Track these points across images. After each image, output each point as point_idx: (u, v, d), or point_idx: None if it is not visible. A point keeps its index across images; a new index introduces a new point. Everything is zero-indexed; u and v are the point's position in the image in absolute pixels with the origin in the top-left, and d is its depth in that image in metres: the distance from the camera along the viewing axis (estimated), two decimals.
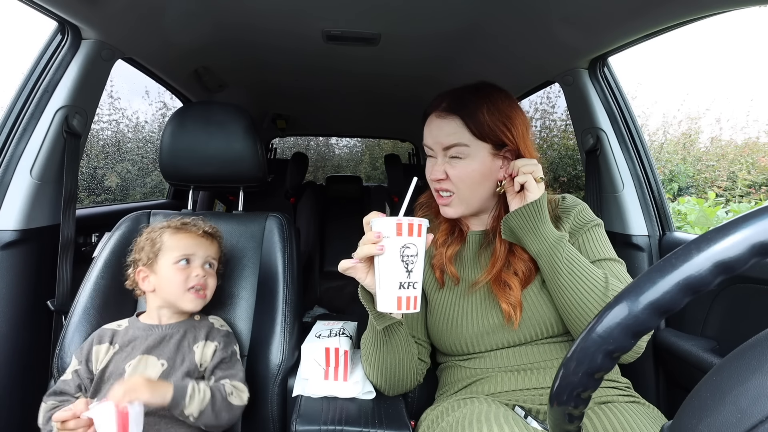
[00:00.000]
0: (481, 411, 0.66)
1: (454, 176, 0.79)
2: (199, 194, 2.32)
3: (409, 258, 0.62)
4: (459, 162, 0.79)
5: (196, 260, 0.89)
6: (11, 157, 1.02)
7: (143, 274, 0.88)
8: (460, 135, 0.78)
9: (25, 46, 2.34)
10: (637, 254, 1.20)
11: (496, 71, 1.52)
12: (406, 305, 0.62)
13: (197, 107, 1.12)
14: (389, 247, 0.62)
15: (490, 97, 0.79)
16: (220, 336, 0.90)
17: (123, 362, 0.81)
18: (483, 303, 0.81)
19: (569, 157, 4.95)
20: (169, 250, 0.87)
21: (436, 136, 0.80)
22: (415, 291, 0.63)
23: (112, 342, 0.84)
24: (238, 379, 0.86)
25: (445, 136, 0.79)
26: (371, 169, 7.12)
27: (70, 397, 0.80)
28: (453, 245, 0.86)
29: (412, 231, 0.62)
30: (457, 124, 0.78)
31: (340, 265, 0.69)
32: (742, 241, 0.28)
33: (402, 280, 0.62)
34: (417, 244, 0.63)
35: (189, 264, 0.88)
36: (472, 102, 0.78)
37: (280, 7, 1.20)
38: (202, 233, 0.92)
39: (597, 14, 1.02)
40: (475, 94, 0.80)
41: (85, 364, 0.82)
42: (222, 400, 0.80)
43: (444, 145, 0.79)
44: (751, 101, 6.42)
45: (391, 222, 0.62)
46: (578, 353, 0.33)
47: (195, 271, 0.88)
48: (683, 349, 1.01)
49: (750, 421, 0.25)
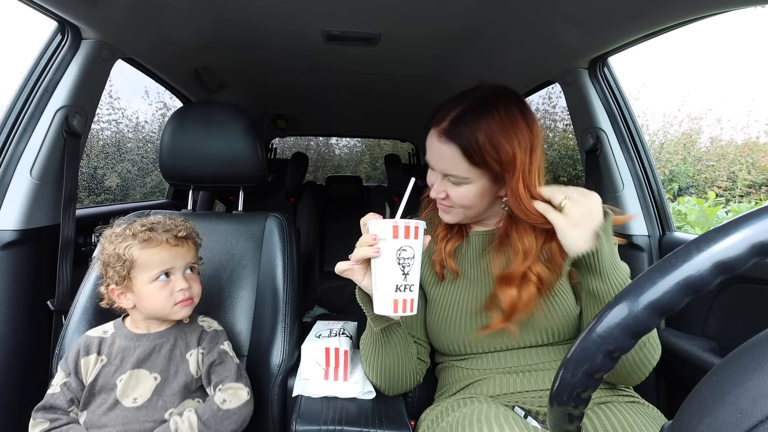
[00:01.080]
0: (481, 411, 0.66)
1: (454, 197, 0.77)
2: (199, 194, 2.32)
3: (405, 261, 0.62)
4: (458, 187, 0.77)
5: (176, 272, 0.80)
6: (11, 157, 1.02)
7: (118, 292, 0.79)
8: (457, 165, 0.73)
9: (25, 46, 2.34)
10: (637, 254, 1.20)
11: (496, 71, 1.52)
12: (403, 308, 0.62)
13: (197, 107, 1.12)
14: (385, 249, 0.62)
15: (493, 117, 0.71)
16: (207, 339, 0.86)
17: (113, 377, 0.77)
18: (484, 303, 0.81)
19: (569, 157, 4.95)
20: (143, 267, 0.77)
21: (435, 161, 0.77)
22: (412, 294, 0.63)
23: (99, 352, 0.80)
24: (231, 379, 0.82)
25: (443, 163, 0.75)
26: (371, 169, 7.12)
27: (61, 413, 0.76)
28: (453, 240, 0.86)
29: (408, 233, 0.62)
30: (455, 153, 0.72)
31: (337, 267, 0.69)
32: (742, 241, 0.28)
33: (398, 283, 0.62)
34: (413, 247, 0.62)
35: (169, 277, 0.79)
36: (472, 128, 0.71)
37: (280, 7, 1.20)
38: (176, 240, 0.80)
39: (597, 14, 1.02)
40: (478, 115, 0.71)
41: (74, 375, 0.78)
42: (214, 415, 0.76)
43: (444, 172, 0.77)
44: (753, 101, 6.42)
45: (387, 224, 0.61)
46: (578, 353, 0.33)
47: (178, 284, 0.80)
48: (683, 349, 1.01)
49: (750, 421, 0.25)
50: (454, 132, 0.72)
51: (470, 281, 0.84)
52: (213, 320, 0.92)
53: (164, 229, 0.80)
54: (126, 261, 0.76)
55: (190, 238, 0.85)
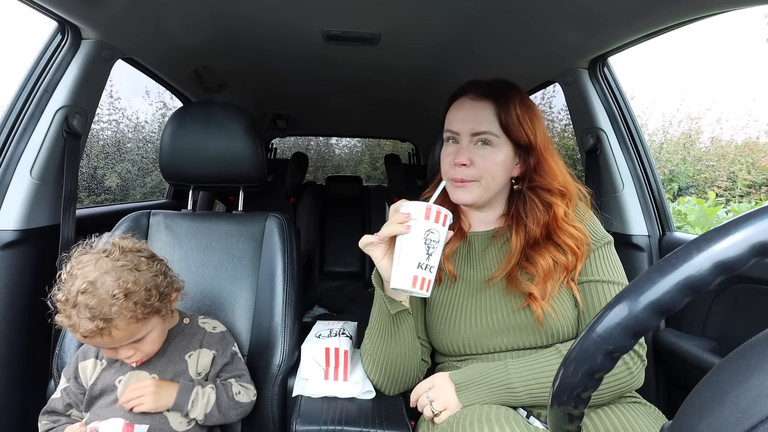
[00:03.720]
0: (481, 411, 0.66)
1: (480, 163, 0.78)
2: (199, 194, 2.32)
3: (431, 242, 0.65)
4: (486, 149, 0.78)
5: (109, 352, 0.75)
6: (11, 157, 1.02)
7: None
8: (489, 122, 0.78)
9: (25, 46, 2.34)
10: (637, 254, 1.20)
11: (496, 70, 1.51)
12: (420, 285, 0.64)
13: (197, 107, 1.12)
14: (415, 227, 0.65)
15: (521, 93, 0.80)
16: (215, 341, 0.87)
17: (112, 378, 0.79)
18: (487, 303, 0.81)
19: (569, 156, 4.95)
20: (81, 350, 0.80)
21: (465, 121, 0.79)
22: (431, 275, 0.65)
23: (98, 357, 0.81)
24: (246, 380, 0.87)
25: (475, 120, 0.78)
26: (371, 169, 7.12)
27: (61, 416, 0.79)
28: (452, 243, 0.86)
29: (438, 218, 0.65)
30: (489, 110, 0.78)
31: (362, 240, 0.70)
32: (742, 241, 0.28)
33: (422, 261, 0.64)
34: (440, 232, 0.66)
35: (114, 350, 0.73)
36: (506, 91, 0.79)
37: (280, 7, 1.20)
38: (90, 333, 0.67)
39: (597, 14, 1.02)
40: (509, 86, 0.81)
41: (74, 380, 0.80)
42: (229, 399, 0.81)
43: (474, 130, 0.78)
44: (754, 101, 6.43)
45: (421, 205, 0.65)
46: (578, 353, 0.33)
47: (120, 353, 0.74)
48: (683, 349, 1.01)
49: (750, 421, 0.25)
50: (491, 92, 0.79)
51: (470, 282, 0.84)
52: (215, 320, 0.92)
53: (84, 316, 0.66)
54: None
55: (118, 319, 0.68)
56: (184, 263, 1.03)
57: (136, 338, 0.73)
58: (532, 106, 0.80)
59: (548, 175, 0.80)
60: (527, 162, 0.80)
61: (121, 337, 0.70)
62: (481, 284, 0.82)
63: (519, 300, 0.78)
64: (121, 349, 0.73)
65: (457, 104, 0.82)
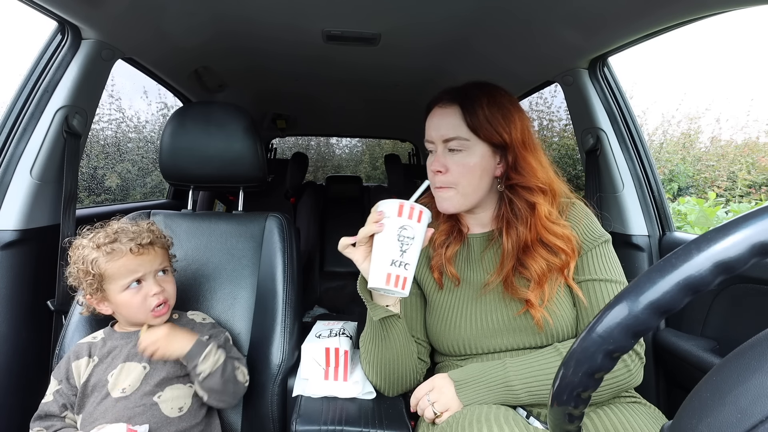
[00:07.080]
0: (481, 411, 0.66)
1: (454, 169, 0.78)
2: (199, 194, 2.32)
3: (405, 239, 0.64)
4: (458, 154, 0.78)
5: (147, 278, 0.80)
6: (11, 157, 1.02)
7: (96, 301, 0.81)
8: (457, 127, 0.77)
9: (25, 46, 2.34)
10: (637, 254, 1.20)
11: (496, 70, 1.52)
12: (395, 282, 0.64)
13: (197, 107, 1.12)
14: (388, 225, 0.65)
15: (492, 93, 0.80)
16: (206, 329, 0.89)
17: (104, 373, 0.79)
18: (487, 305, 0.81)
19: (569, 156, 4.95)
20: (112, 278, 0.78)
21: (436, 128, 0.80)
22: (406, 272, 0.64)
23: (90, 355, 0.81)
24: (242, 363, 0.88)
25: (444, 126, 0.79)
26: (371, 169, 7.12)
27: (56, 419, 0.78)
28: (452, 246, 0.86)
29: (411, 215, 0.65)
30: (457, 116, 0.78)
31: (340, 243, 0.71)
32: (742, 241, 0.28)
33: (395, 258, 0.64)
34: (415, 228, 0.65)
35: (141, 284, 0.80)
36: (473, 94, 0.79)
37: (280, 7, 1.20)
38: (140, 249, 0.79)
39: (597, 14, 1.02)
40: (478, 88, 0.80)
41: (66, 381, 0.79)
42: (232, 370, 0.82)
43: (444, 137, 0.79)
44: (752, 101, 6.42)
45: (393, 203, 0.66)
46: (578, 353, 0.33)
47: (150, 289, 0.80)
48: (683, 349, 1.01)
49: (750, 421, 0.25)
50: (455, 96, 0.79)
51: (471, 284, 0.84)
52: (203, 313, 0.95)
53: (128, 237, 0.79)
54: (95, 275, 0.77)
55: (155, 243, 0.83)
56: (184, 263, 1.03)
57: (164, 266, 0.84)
58: (503, 103, 0.79)
59: (527, 172, 0.78)
60: (507, 160, 0.80)
61: (160, 255, 0.83)
62: (481, 286, 0.82)
63: (518, 306, 0.78)
64: (153, 283, 0.80)
65: (431, 113, 0.83)
